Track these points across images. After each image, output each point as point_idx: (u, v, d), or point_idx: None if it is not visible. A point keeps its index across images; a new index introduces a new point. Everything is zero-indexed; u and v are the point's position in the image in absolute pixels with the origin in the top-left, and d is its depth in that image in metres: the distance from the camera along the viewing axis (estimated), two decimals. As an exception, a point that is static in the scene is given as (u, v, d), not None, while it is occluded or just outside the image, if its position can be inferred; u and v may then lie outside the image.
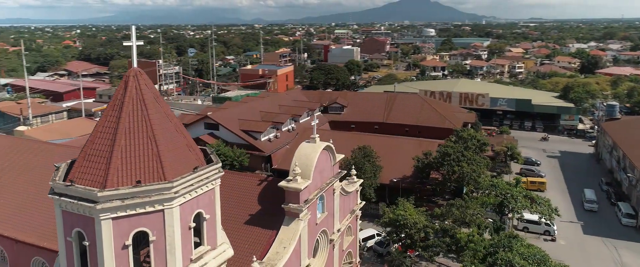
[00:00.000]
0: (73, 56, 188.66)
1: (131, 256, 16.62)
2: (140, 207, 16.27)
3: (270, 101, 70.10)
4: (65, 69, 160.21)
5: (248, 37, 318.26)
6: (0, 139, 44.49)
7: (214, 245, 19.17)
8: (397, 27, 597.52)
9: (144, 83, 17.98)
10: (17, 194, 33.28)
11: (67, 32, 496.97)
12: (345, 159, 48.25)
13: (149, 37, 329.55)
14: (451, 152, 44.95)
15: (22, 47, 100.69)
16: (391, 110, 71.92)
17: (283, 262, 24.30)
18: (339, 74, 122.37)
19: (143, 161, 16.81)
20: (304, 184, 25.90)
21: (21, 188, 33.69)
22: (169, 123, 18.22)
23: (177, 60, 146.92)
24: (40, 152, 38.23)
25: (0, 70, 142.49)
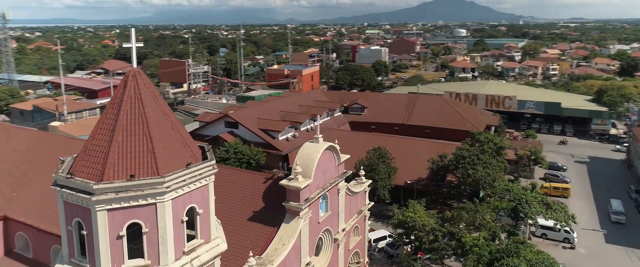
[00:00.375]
0: (110, 55, 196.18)
1: (126, 246, 17.58)
2: (134, 200, 17.20)
3: (291, 101, 70.97)
4: (101, 68, 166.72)
5: (279, 37, 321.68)
6: (31, 133, 47.16)
7: (207, 239, 19.95)
8: (430, 27, 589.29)
9: (142, 83, 18.93)
10: (42, 185, 35.26)
11: (107, 32, 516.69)
12: (360, 160, 48.53)
13: (183, 36, 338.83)
14: (466, 155, 44.41)
15: (59, 46, 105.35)
16: (412, 111, 71.40)
17: (281, 258, 24.87)
18: (364, 75, 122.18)
19: (138, 157, 17.74)
20: (305, 183, 26.40)
21: (46, 180, 35.68)
22: (165, 121, 19.10)
23: (207, 59, 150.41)
24: (66, 147, 40.23)
25: (43, 68, 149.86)
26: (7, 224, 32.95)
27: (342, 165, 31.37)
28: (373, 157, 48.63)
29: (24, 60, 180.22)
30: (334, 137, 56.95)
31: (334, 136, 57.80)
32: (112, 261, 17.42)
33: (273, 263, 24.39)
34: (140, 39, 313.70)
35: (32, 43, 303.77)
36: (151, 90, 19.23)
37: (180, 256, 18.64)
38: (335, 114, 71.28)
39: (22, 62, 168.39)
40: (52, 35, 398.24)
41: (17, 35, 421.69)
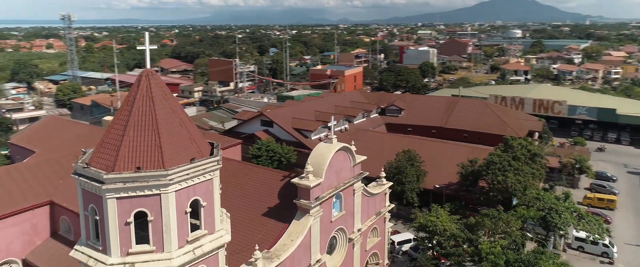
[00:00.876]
0: (166, 54, 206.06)
1: (133, 232, 19.12)
2: (140, 190, 18.68)
3: (327, 101, 71.77)
4: (157, 66, 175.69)
5: (328, 38, 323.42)
6: (82, 127, 51.31)
7: (211, 230, 21.16)
8: (487, 27, 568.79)
9: (154, 82, 20.44)
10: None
11: (167, 32, 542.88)
12: (389, 162, 48.50)
13: (237, 36, 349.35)
14: (497, 161, 43.18)
15: (115, 45, 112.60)
16: (451, 115, 69.96)
17: (287, 253, 25.73)
18: (409, 76, 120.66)
19: (146, 151, 19.22)
20: (315, 181, 27.09)
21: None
22: (174, 118, 20.50)
23: (255, 59, 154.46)
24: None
25: (105, 66, 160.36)
26: (53, 209, 36.07)
27: (358, 166, 31.73)
28: (402, 160, 48.38)
29: (90, 58, 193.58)
30: (367, 138, 57.37)
31: (367, 137, 58.20)
32: (120, 244, 19.01)
33: (279, 258, 25.29)
34: (196, 38, 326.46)
35: (98, 42, 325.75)
36: (162, 89, 20.71)
37: (184, 245, 19.94)
38: (372, 115, 71.26)
39: (87, 60, 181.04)
40: (117, 35, 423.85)
41: (87, 34, 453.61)
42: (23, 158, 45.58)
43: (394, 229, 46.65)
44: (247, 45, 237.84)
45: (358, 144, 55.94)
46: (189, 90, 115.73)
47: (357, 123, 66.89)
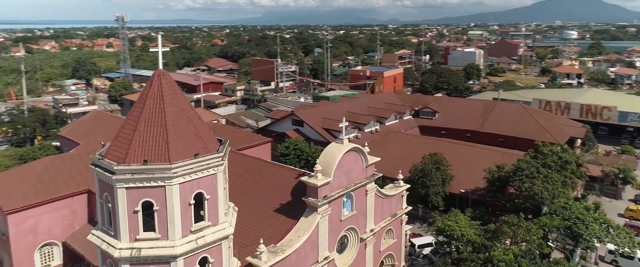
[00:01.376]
0: (215, 54, 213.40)
1: (141, 220, 20.70)
2: (146, 181, 20.22)
3: (360, 102, 72.05)
4: (206, 65, 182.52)
5: (374, 38, 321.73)
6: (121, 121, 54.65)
7: (215, 222, 22.41)
8: (544, 28, 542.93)
9: (165, 82, 21.96)
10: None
11: (219, 32, 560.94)
12: (414, 165, 48.28)
13: (285, 37, 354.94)
14: (524, 167, 41.92)
15: (160, 45, 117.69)
16: (487, 118, 68.18)
17: (293, 249, 26.61)
18: (451, 78, 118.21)
19: (154, 145, 20.74)
20: (323, 180, 27.79)
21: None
22: (183, 115, 21.92)
23: (297, 59, 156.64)
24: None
25: (156, 65, 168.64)
26: (90, 197, 38.95)
27: (370, 167, 32.09)
28: (428, 163, 47.99)
29: (144, 57, 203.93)
30: (396, 140, 57.15)
31: (396, 139, 58.01)
32: (129, 231, 20.66)
33: (284, 252, 26.22)
34: (245, 38, 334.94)
35: (154, 41, 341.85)
36: (172, 89, 22.20)
37: (187, 234, 21.31)
38: (405, 117, 70.78)
39: (142, 58, 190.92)
40: (171, 34, 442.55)
41: (145, 34, 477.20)
42: (69, 149, 49.40)
43: (414, 232, 46.39)
44: (292, 45, 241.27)
45: (387, 145, 56.40)
46: (231, 89, 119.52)
47: (389, 125, 66.72)
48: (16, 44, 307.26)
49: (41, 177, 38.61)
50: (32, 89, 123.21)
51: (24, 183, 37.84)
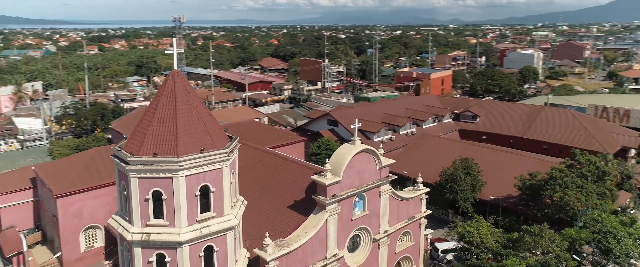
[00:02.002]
0: (269, 53, 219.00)
1: (151, 207, 22.61)
2: (156, 172, 22.09)
3: (399, 104, 71.63)
4: (259, 64, 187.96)
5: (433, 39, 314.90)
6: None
7: (220, 213, 23.92)
8: (620, 28, 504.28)
9: (179, 82, 23.75)
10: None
11: (277, 32, 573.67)
12: (444, 169, 47.68)
13: (339, 37, 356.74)
14: (557, 176, 40.20)
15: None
16: (532, 124, 65.42)
17: (298, 244, 27.63)
18: (503, 81, 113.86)
19: (165, 139, 22.57)
20: (331, 180, 28.58)
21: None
22: (193, 113, 23.60)
23: (346, 60, 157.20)
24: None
25: (212, 64, 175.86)
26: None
27: (385, 169, 32.37)
28: (458, 167, 47.18)
29: (204, 56, 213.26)
30: (431, 143, 56.58)
31: (431, 142, 57.40)
32: (141, 217, 22.66)
33: (290, 247, 27.30)
34: (301, 39, 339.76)
35: (214, 41, 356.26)
36: (185, 88, 23.97)
37: (193, 223, 22.98)
38: (444, 120, 69.52)
39: (199, 57, 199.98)
40: (231, 34, 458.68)
41: (207, 33, 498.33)
42: (118, 141, 53.58)
43: (441, 237, 45.81)
44: (344, 45, 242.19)
45: (420, 148, 55.91)
46: (279, 88, 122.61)
47: (426, 128, 65.93)
48: (91, 42, 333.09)
49: (88, 166, 42.44)
50: (97, 84, 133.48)
51: (73, 170, 41.80)
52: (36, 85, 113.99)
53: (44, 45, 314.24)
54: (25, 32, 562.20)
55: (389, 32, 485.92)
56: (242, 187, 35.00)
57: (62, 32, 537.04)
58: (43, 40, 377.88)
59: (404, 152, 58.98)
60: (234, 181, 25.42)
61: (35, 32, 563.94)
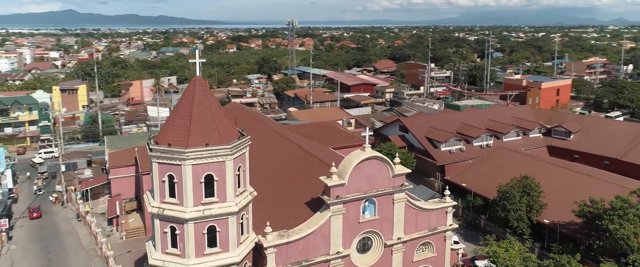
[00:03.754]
0: (385, 55, 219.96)
1: (167, 188, 27.77)
2: (169, 159, 27.13)
3: (486, 114, 68.29)
4: (373, 66, 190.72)
5: (571, 42, 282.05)
6: (246, 113, 65.02)
7: (223, 200, 28.11)
8: None
9: (199, 85, 28.48)
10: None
11: (408, 33, 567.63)
12: (500, 186, 45.70)
13: (469, 39, 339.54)
14: (618, 206, 36.02)
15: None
16: (636, 146, 57.30)
17: (298, 236, 30.45)
18: (635, 94, 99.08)
19: (180, 133, 27.44)
20: (335, 182, 30.77)
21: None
22: (207, 113, 28.07)
23: (465, 63, 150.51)
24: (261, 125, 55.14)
25: (326, 64, 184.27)
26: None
27: (400, 178, 33.18)
28: (514, 186, 44.68)
29: (323, 56, 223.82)
30: (503, 157, 54.25)
31: (504, 156, 54.91)
32: (160, 195, 28.00)
33: (290, 238, 30.32)
34: (427, 40, 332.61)
35: (340, 41, 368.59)
36: (204, 91, 28.62)
37: (198, 205, 27.58)
38: (532, 134, 64.53)
39: (318, 57, 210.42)
40: (361, 35, 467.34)
41: (338, 34, 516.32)
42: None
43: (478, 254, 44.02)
44: (466, 48, 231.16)
45: (490, 162, 54.05)
46: (381, 91, 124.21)
47: (507, 141, 62.21)
48: (232, 41, 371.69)
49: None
50: (222, 80, 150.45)
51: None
52: (172, 79, 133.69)
53: (195, 44, 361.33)
54: (186, 31, 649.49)
55: (530, 34, 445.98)
56: (274, 180, 39.09)
57: (214, 32, 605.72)
58: (195, 38, 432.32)
59: (473, 164, 56.94)
60: (242, 173, 29.41)
61: (192, 31, 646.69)
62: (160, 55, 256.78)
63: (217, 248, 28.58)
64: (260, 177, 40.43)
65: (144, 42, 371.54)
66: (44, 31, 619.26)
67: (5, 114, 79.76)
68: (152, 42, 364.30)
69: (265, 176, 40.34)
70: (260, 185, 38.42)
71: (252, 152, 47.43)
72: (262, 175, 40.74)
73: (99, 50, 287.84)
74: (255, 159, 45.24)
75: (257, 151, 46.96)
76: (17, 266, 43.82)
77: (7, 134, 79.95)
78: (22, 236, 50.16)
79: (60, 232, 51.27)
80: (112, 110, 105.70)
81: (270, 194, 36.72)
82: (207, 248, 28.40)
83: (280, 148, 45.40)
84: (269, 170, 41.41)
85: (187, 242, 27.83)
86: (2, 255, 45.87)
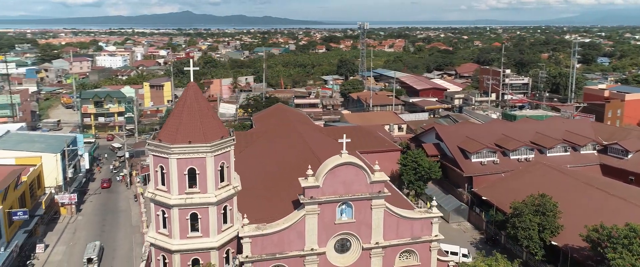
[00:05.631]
0: (472, 58, 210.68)
1: (159, 176, 32.55)
2: (159, 153, 31.85)
3: (538, 126, 64.34)
4: (454, 70, 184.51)
5: None
6: (294, 114, 68.87)
7: (204, 191, 32.18)
8: None
9: (192, 91, 32.82)
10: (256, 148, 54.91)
11: (511, 33, 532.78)
12: (514, 202, 44.19)
13: (565, 41, 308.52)
14: (623, 235, 33.41)
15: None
16: None
17: (273, 230, 33.40)
18: None
19: (170, 131, 32.04)
20: (309, 183, 33.18)
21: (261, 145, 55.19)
22: (196, 115, 32.26)
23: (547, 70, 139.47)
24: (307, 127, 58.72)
25: (404, 67, 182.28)
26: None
27: (378, 184, 34.44)
28: (528, 204, 42.82)
29: (403, 58, 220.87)
30: (538, 173, 52.28)
31: (540, 172, 52.75)
32: (154, 182, 32.95)
33: (264, 231, 33.41)
34: (529, 43, 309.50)
35: (431, 43, 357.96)
36: (196, 96, 32.91)
37: (182, 193, 32.00)
38: (584, 151, 59.65)
39: (399, 59, 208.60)
40: (449, 37, 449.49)
41: (435, 35, 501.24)
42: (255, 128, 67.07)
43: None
44: (565, 53, 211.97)
45: (522, 176, 52.84)
46: (450, 97, 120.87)
47: (551, 156, 58.36)
48: (323, 42, 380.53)
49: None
50: (298, 80, 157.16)
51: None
52: (250, 79, 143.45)
53: (288, 44, 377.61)
54: (285, 31, 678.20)
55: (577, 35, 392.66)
56: (283, 178, 42.00)
57: (311, 32, 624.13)
58: (290, 39, 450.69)
59: (505, 177, 54.79)
60: (226, 169, 33.22)
61: (291, 31, 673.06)
62: (253, 55, 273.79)
63: (198, 233, 32.78)
64: (271, 174, 44.18)
65: (242, 42, 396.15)
66: (162, 31, 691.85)
67: (100, 106, 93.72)
68: (249, 42, 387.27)
69: (276, 174, 43.83)
70: (269, 182, 42.24)
71: (267, 150, 51.42)
72: (273, 173, 44.42)
73: (202, 49, 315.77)
74: (268, 157, 49.18)
75: (272, 151, 50.85)
76: (77, 233, 52.72)
77: (100, 123, 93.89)
78: (89, 209, 59.76)
79: (119, 209, 60.00)
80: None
81: (275, 191, 39.91)
82: (190, 232, 32.72)
83: (295, 149, 48.54)
84: (281, 169, 44.74)
85: (173, 225, 32.41)
86: (70, 223, 55.38)
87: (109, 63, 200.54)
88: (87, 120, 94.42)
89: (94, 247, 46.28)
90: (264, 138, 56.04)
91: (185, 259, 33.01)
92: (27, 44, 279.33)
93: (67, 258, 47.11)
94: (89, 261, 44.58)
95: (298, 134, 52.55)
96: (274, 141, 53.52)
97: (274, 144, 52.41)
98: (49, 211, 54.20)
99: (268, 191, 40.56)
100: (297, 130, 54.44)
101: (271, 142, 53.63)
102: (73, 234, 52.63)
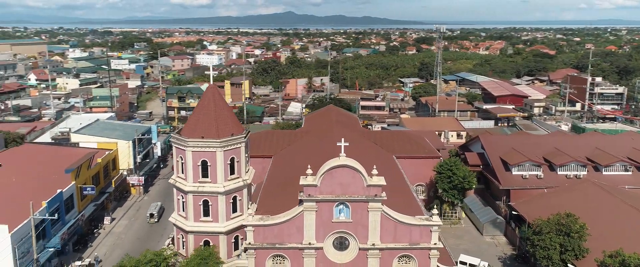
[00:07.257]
0: (571, 64, 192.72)
1: (180, 166, 37.48)
2: (179, 145, 36.75)
3: (601, 142, 59.09)
4: (547, 76, 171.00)
5: None
6: (339, 115, 71.09)
7: (214, 181, 36.43)
8: None
9: (211, 92, 37.28)
10: (298, 145, 58.27)
11: (637, 35, 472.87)
12: (537, 219, 42.30)
13: None
14: (634, 264, 30.94)
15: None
16: None
17: (274, 222, 36.56)
18: None
19: (191, 127, 36.76)
20: (308, 182, 35.73)
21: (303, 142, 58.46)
22: (212, 113, 36.57)
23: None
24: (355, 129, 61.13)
25: (489, 71, 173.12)
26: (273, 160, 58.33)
27: (375, 188, 35.78)
28: (552, 223, 40.67)
29: (493, 62, 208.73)
30: (580, 192, 49.69)
31: (585, 189, 49.92)
32: (176, 170, 38.05)
33: (266, 222, 36.69)
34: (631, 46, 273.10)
35: (532, 45, 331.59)
36: (215, 96, 37.31)
37: (196, 182, 36.62)
38: (632, 169, 53.85)
39: (488, 62, 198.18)
40: (554, 39, 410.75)
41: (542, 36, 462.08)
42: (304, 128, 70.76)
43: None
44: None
45: (566, 194, 51.12)
46: (530, 105, 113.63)
47: (607, 174, 53.49)
48: (415, 44, 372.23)
49: (255, 142, 61.10)
50: (374, 82, 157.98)
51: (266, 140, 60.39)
52: (325, 79, 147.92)
53: (379, 44, 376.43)
54: (381, 31, 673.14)
55: None
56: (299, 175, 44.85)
57: (407, 33, 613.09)
58: (383, 39, 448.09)
59: (547, 193, 51.72)
60: (237, 164, 37.17)
61: (387, 31, 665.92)
62: (341, 55, 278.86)
63: (209, 218, 37.19)
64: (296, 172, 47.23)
65: (334, 42, 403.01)
66: (264, 31, 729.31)
67: (182, 100, 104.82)
68: (340, 43, 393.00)
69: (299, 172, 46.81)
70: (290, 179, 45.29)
71: (301, 150, 54.42)
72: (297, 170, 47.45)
73: (295, 48, 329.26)
74: (299, 156, 52.24)
75: (305, 150, 53.77)
76: (141, 211, 60.82)
77: (183, 116, 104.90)
78: (155, 192, 68.19)
79: (179, 194, 67.53)
80: (267, 103, 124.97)
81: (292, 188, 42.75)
82: (203, 216, 37.26)
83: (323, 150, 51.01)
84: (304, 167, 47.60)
85: (188, 209, 37.21)
86: (137, 202, 64.00)
87: (206, 61, 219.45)
88: (172, 113, 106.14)
89: (156, 206, 57.89)
90: (304, 138, 59.33)
91: (198, 239, 37.64)
92: (144, 43, 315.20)
93: (127, 231, 54.96)
94: (151, 216, 56.39)
95: (330, 137, 54.85)
96: (310, 141, 56.53)
97: (308, 144, 55.43)
98: (120, 189, 63.19)
99: (287, 187, 43.68)
100: (333, 133, 56.72)
101: (307, 142, 56.73)
102: (137, 211, 60.87)
